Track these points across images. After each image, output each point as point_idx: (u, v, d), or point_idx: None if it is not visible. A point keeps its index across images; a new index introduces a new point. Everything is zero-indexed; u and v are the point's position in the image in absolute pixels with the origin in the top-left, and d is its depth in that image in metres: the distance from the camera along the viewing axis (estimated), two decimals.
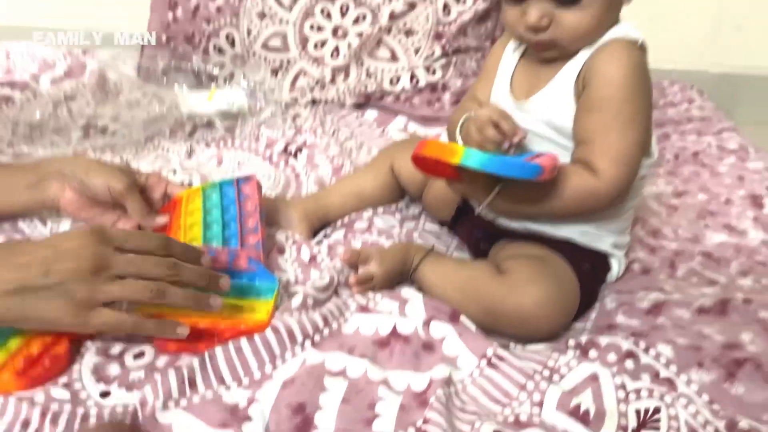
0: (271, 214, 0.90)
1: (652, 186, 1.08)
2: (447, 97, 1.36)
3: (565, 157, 0.80)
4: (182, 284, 0.67)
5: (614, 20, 0.79)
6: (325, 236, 0.92)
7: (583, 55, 0.78)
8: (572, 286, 0.79)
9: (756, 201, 1.05)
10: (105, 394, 0.62)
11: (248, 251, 0.78)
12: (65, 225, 0.88)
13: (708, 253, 0.91)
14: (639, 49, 0.78)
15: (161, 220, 0.86)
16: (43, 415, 0.58)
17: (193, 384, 0.64)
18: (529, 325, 0.75)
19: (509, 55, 0.88)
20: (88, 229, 0.66)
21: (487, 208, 0.79)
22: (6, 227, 0.86)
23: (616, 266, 0.86)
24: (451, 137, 0.86)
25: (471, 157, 0.69)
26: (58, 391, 0.61)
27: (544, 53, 0.81)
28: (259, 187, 0.89)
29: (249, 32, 1.39)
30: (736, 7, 1.54)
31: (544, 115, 0.80)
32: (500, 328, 0.76)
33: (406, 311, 0.74)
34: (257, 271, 0.77)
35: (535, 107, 0.81)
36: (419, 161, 0.77)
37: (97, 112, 1.21)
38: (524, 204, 0.78)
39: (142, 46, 1.43)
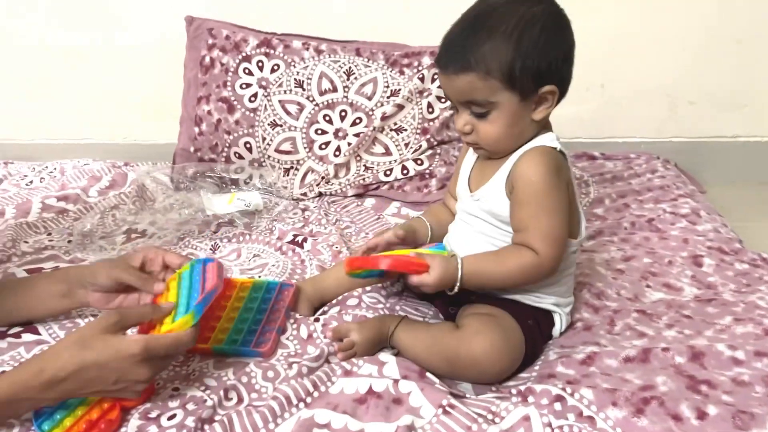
0: None
1: (603, 253, 1.25)
2: (434, 183, 1.57)
3: (501, 233, 1.00)
4: None
5: (532, 126, 0.96)
6: (323, 312, 1.11)
7: (512, 159, 0.98)
8: (517, 337, 0.97)
9: (696, 261, 1.22)
10: None
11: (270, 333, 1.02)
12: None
13: (643, 310, 1.07)
14: (558, 153, 0.96)
15: (159, 287, 1.00)
16: None
17: None
18: (479, 368, 0.93)
19: (470, 154, 1.08)
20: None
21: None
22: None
23: (559, 321, 1.03)
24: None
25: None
26: None
27: (476, 152, 1.02)
28: (296, 292, 1.12)
29: (263, 139, 1.62)
30: (688, 84, 1.74)
31: (485, 205, 1.00)
32: (460, 374, 0.95)
33: (383, 372, 0.93)
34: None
35: (480, 198, 1.01)
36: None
37: (137, 218, 1.45)
38: (485, 284, 0.98)
39: (174, 157, 1.68)
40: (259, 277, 1.22)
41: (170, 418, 0.87)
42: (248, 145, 1.63)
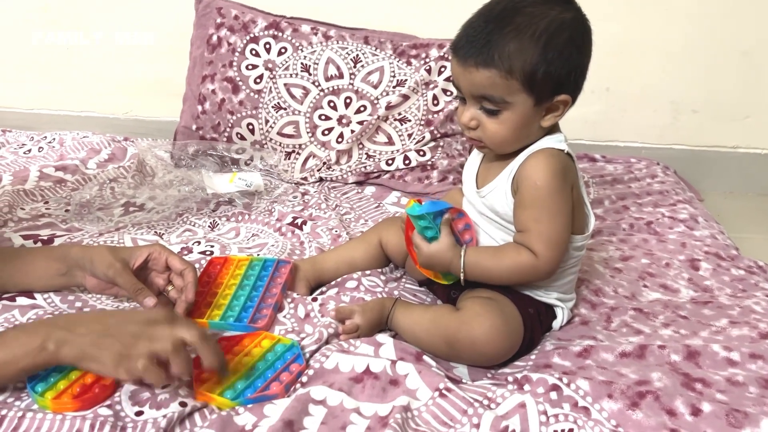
0: None
1: (601, 252, 1.26)
2: (435, 174, 1.57)
3: (504, 234, 1.00)
4: None
5: (538, 132, 0.96)
6: (321, 293, 1.11)
7: (518, 159, 0.97)
8: (516, 321, 0.97)
9: (693, 264, 1.23)
10: (139, 413, 0.81)
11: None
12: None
13: (639, 308, 1.07)
14: (565, 156, 0.96)
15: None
16: (92, 426, 0.77)
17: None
18: (478, 350, 0.93)
19: (474, 153, 1.08)
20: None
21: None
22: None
23: (560, 315, 1.04)
24: None
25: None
26: (103, 410, 0.80)
27: (479, 149, 1.01)
28: (293, 269, 1.11)
29: (267, 122, 1.62)
30: (692, 93, 1.75)
31: (489, 202, 1.00)
32: (458, 355, 0.95)
33: (380, 353, 0.93)
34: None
35: (485, 195, 1.01)
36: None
37: (136, 192, 1.44)
38: (484, 277, 0.99)
39: (175, 135, 1.67)
40: (258, 255, 1.21)
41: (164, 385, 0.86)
42: (251, 127, 1.62)
